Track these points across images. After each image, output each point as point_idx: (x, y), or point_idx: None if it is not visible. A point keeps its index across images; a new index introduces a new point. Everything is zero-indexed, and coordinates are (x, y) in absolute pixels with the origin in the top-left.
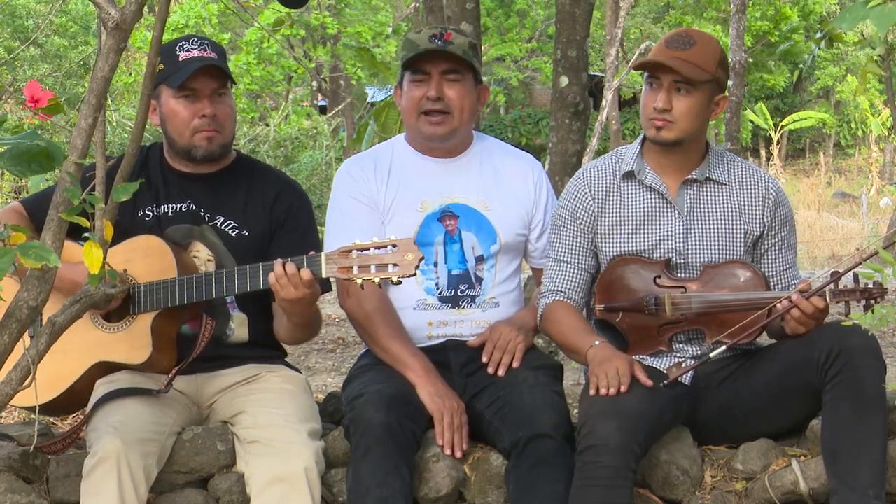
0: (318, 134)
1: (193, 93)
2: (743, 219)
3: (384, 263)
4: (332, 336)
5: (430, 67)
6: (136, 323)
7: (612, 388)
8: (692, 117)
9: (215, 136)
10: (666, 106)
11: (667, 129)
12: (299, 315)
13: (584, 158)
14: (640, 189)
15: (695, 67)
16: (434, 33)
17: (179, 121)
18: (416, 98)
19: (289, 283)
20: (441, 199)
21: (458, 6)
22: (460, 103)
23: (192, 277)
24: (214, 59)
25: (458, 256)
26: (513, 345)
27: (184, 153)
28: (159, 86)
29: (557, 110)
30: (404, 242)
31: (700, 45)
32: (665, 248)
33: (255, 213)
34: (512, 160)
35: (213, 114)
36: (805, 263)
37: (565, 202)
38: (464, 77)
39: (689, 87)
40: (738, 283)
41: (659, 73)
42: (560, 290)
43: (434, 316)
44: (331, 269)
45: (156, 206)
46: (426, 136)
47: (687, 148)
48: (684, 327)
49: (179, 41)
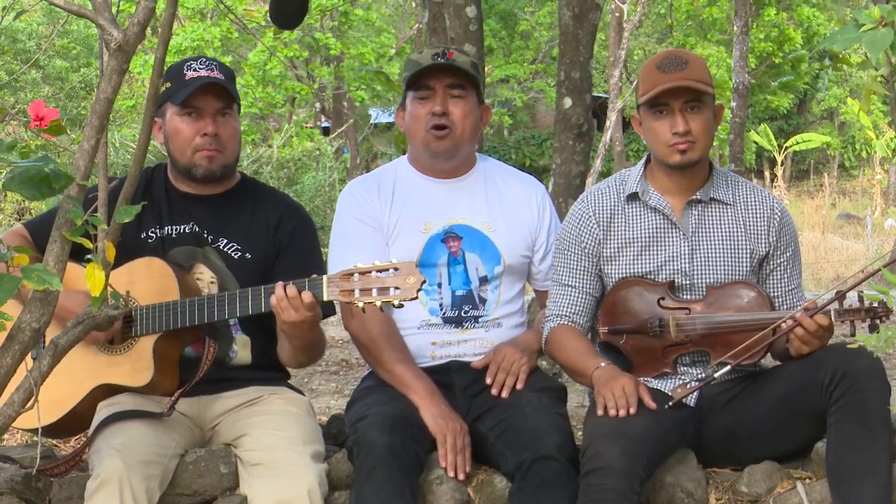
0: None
1: (197, 111)
2: (748, 239)
3: (386, 286)
4: (336, 358)
5: (434, 83)
6: (139, 345)
7: (622, 410)
8: (708, 133)
9: (216, 155)
10: (686, 128)
11: (692, 151)
12: (300, 338)
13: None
14: (645, 211)
15: (701, 83)
16: (437, 52)
17: (182, 138)
18: (420, 115)
19: (289, 305)
20: (445, 220)
21: (461, 28)
22: (463, 121)
23: (193, 300)
24: (220, 79)
25: (461, 277)
26: (516, 366)
27: (185, 172)
28: (164, 104)
29: (561, 132)
30: (406, 265)
31: (693, 62)
32: (670, 270)
33: (258, 236)
34: (515, 182)
35: (215, 133)
36: (809, 285)
37: (569, 227)
38: (467, 94)
39: (699, 104)
40: (742, 304)
41: (666, 98)
42: (564, 314)
43: (438, 336)
44: (332, 292)
45: (159, 228)
46: (432, 151)
47: (698, 168)
48: (689, 349)
49: (188, 60)
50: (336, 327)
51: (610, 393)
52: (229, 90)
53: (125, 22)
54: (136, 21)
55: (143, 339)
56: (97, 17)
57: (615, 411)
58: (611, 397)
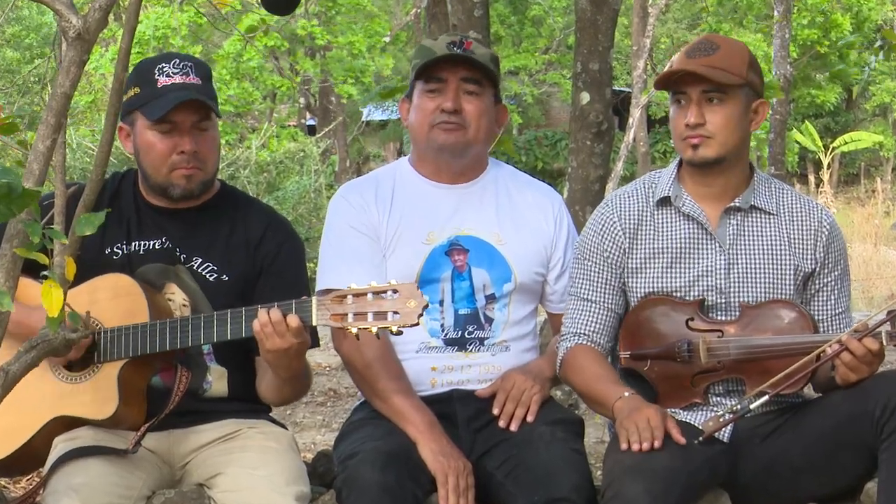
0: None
1: (172, 126)
2: (793, 253)
3: (383, 311)
4: (323, 387)
5: (447, 75)
6: (102, 373)
7: (646, 443)
8: (730, 129)
9: (195, 173)
10: (698, 120)
11: (705, 146)
12: (286, 368)
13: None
14: (677, 218)
15: (723, 72)
16: (453, 40)
17: (156, 155)
18: (428, 110)
19: (274, 331)
20: (450, 230)
21: (465, 13)
22: (478, 120)
23: (165, 322)
24: (198, 85)
25: (466, 295)
26: (527, 396)
27: (160, 189)
28: (134, 111)
29: (577, 131)
30: (407, 287)
31: (725, 49)
32: (703, 286)
33: (237, 255)
34: (530, 191)
35: (193, 150)
36: (860, 304)
37: (591, 233)
38: (484, 91)
39: (722, 96)
40: (781, 326)
41: (685, 86)
42: (583, 332)
43: (438, 360)
44: (322, 316)
45: (126, 243)
46: (438, 145)
47: (729, 169)
48: (722, 376)
49: (159, 62)
50: (323, 353)
51: (633, 425)
52: (209, 101)
53: (85, 7)
54: (98, 6)
55: (106, 366)
56: (53, 2)
57: (638, 445)
58: (634, 430)
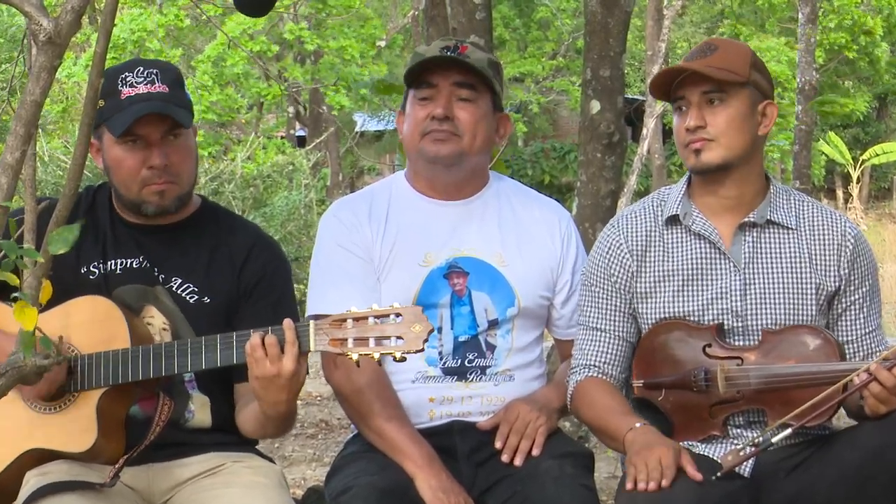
0: (294, 171)
1: (139, 139)
2: (814, 271)
3: (385, 335)
4: (314, 418)
5: (438, 80)
6: (78, 402)
7: (653, 482)
8: (734, 131)
9: (169, 188)
10: (698, 122)
11: (707, 150)
12: (272, 404)
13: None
14: (687, 237)
15: (721, 70)
16: (447, 45)
17: (125, 171)
18: (419, 118)
19: (266, 356)
20: (448, 251)
21: (465, 15)
22: (473, 128)
23: (149, 348)
24: (165, 93)
25: (467, 321)
26: (532, 427)
27: (133, 207)
28: (101, 125)
29: (587, 142)
30: (411, 311)
31: (724, 49)
32: (718, 309)
33: (219, 275)
34: (536, 207)
35: (164, 164)
36: (892, 328)
37: (597, 257)
38: (479, 96)
39: (722, 95)
40: (805, 352)
41: (684, 91)
42: (593, 363)
43: (437, 391)
44: (321, 342)
45: (102, 262)
46: (429, 157)
47: (739, 178)
48: (741, 407)
49: (122, 71)
50: (314, 381)
51: (643, 464)
52: (177, 110)
53: (56, 9)
54: (70, 7)
55: (83, 395)
56: (22, 3)
57: (644, 485)
58: (643, 469)
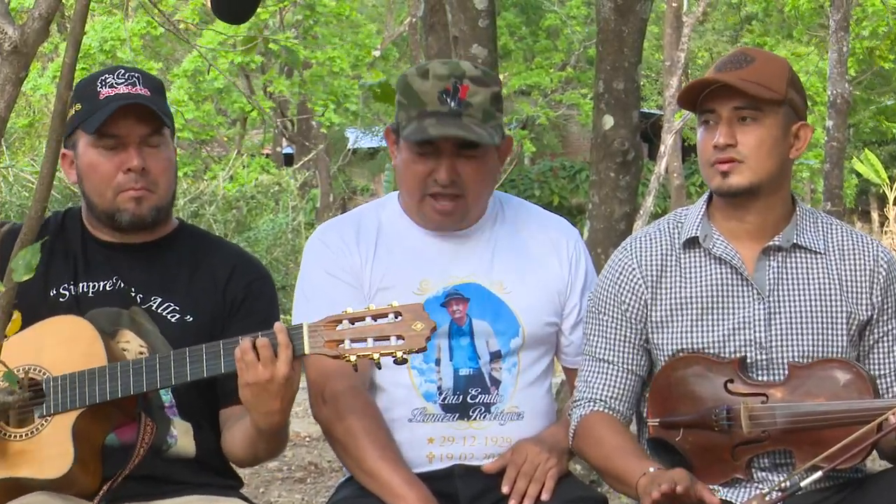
0: (281, 191)
1: (117, 140)
2: (845, 299)
3: (385, 335)
4: (302, 461)
5: (440, 142)
6: (52, 426)
7: (664, 485)
8: (765, 153)
9: (146, 196)
10: (728, 140)
11: (736, 173)
12: (267, 410)
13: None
14: (707, 261)
15: (759, 86)
16: (445, 87)
17: (99, 176)
18: (420, 174)
19: (257, 358)
20: (446, 277)
21: (467, 23)
22: (478, 186)
23: (127, 363)
24: (146, 96)
25: (467, 353)
26: (542, 470)
27: (106, 219)
28: (75, 132)
29: (600, 160)
30: (411, 309)
31: (762, 61)
32: (741, 341)
33: (202, 293)
34: (540, 226)
35: (141, 167)
36: None
37: (607, 282)
38: (485, 152)
39: (756, 114)
40: (836, 389)
41: (714, 103)
42: (599, 398)
43: (436, 430)
44: (315, 343)
45: (73, 284)
46: (433, 223)
47: (765, 202)
48: (767, 448)
49: (102, 74)
50: (301, 420)
51: (655, 484)
52: (158, 111)
53: (22, 16)
54: (38, 14)
55: (58, 419)
56: None
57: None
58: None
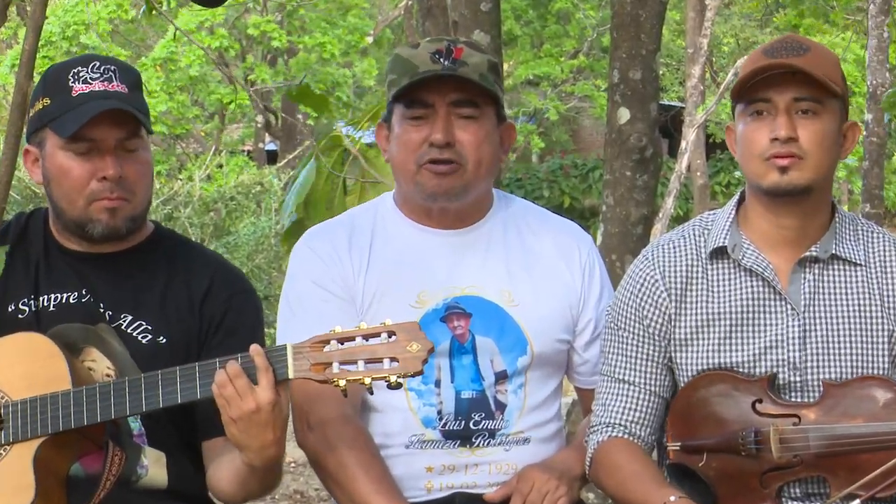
0: (263, 192)
1: (91, 145)
2: (886, 315)
3: (377, 357)
4: (287, 489)
5: (434, 98)
6: (10, 456)
7: None
8: (824, 151)
9: (121, 206)
10: (790, 133)
11: (796, 169)
12: (260, 445)
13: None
14: (737, 273)
15: (823, 76)
16: (438, 48)
17: (71, 183)
18: (414, 143)
19: (236, 392)
20: (447, 289)
21: (468, 7)
22: (477, 152)
23: (94, 387)
24: (123, 94)
25: (470, 373)
26: (550, 499)
27: (76, 227)
28: (43, 129)
29: (615, 158)
30: (406, 328)
31: (816, 50)
32: (773, 360)
33: (177, 311)
34: (550, 231)
35: (118, 176)
36: None
37: (627, 295)
38: (483, 113)
39: (817, 106)
40: (875, 409)
41: (769, 92)
42: (618, 422)
43: (436, 458)
44: (300, 367)
45: (34, 297)
46: (429, 192)
47: (813, 204)
48: (799, 474)
49: (74, 65)
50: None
51: None
52: (137, 113)
53: None
54: None
55: (18, 448)
56: None
57: None
58: None
